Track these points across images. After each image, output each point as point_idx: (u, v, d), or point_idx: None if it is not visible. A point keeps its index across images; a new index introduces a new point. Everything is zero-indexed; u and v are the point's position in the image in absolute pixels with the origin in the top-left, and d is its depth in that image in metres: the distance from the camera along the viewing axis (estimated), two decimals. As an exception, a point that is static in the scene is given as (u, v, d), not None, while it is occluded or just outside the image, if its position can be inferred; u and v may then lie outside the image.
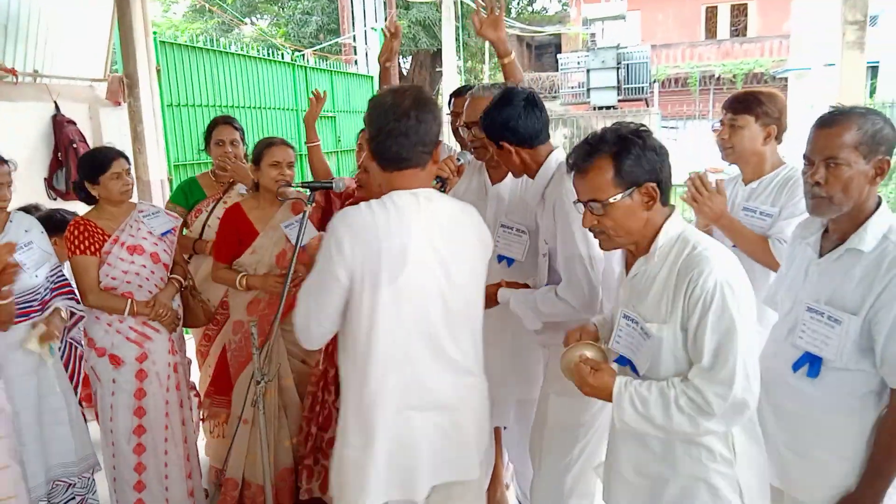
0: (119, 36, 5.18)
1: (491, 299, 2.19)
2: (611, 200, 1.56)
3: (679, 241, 1.58)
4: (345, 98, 9.61)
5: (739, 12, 19.70)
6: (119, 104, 5.24)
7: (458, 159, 2.55)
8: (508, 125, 2.08)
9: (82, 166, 2.64)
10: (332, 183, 2.58)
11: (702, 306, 1.48)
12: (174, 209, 3.12)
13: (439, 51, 21.52)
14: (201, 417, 3.13)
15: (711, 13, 19.83)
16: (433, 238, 1.67)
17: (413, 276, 1.64)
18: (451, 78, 13.92)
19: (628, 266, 1.70)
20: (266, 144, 2.78)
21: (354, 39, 13.33)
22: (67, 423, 2.58)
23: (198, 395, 3.18)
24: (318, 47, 11.39)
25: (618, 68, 13.35)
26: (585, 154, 1.60)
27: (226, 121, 3.25)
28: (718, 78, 17.86)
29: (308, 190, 2.53)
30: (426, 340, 1.70)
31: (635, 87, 13.48)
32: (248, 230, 2.78)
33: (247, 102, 7.06)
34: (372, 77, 10.76)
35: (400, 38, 2.87)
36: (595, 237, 1.68)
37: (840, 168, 1.61)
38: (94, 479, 2.74)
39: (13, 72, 4.68)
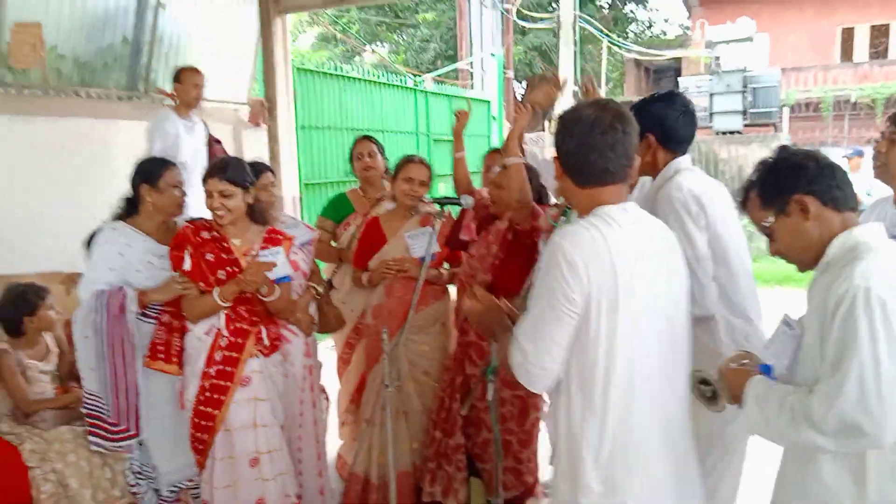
0: (262, 62, 5.60)
1: None
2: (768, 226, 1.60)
3: (854, 249, 1.50)
4: (462, 121, 9.82)
5: (880, 33, 18.36)
6: (259, 125, 5.63)
7: None
8: (663, 121, 2.13)
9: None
10: (460, 199, 2.69)
11: (832, 311, 1.41)
12: (324, 223, 3.35)
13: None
14: (342, 422, 3.28)
15: (848, 34, 18.61)
16: (651, 253, 1.60)
17: (643, 294, 1.54)
18: (567, 103, 13.88)
19: None
20: (406, 160, 3.01)
21: (471, 66, 13.63)
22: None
23: (327, 397, 3.34)
24: (436, 73, 11.72)
25: (744, 92, 12.82)
26: (741, 193, 1.70)
27: (364, 137, 3.52)
28: (855, 103, 16.70)
29: (438, 205, 2.67)
30: (664, 368, 1.59)
31: (763, 112, 12.85)
32: (380, 239, 2.98)
33: (371, 125, 7.39)
34: (488, 101, 10.96)
35: (562, 91, 2.93)
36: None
37: None
38: None
39: (171, 95, 5.16)
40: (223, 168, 2.51)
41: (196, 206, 4.08)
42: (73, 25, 4.34)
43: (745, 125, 13.39)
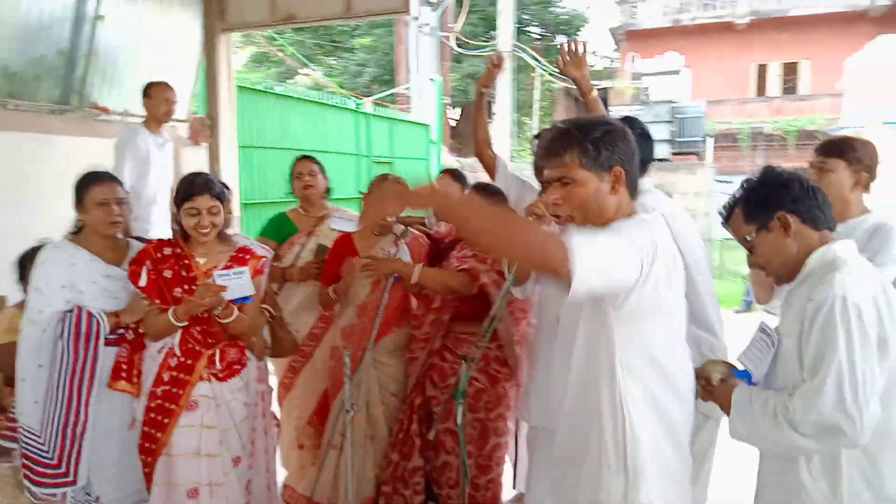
0: (205, 79, 5.45)
1: None
2: (749, 240, 1.68)
3: (832, 262, 1.59)
4: (402, 144, 9.86)
5: (790, 70, 19.69)
6: (198, 143, 5.47)
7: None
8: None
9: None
10: (425, 219, 2.69)
11: (811, 317, 1.50)
12: (267, 243, 3.23)
13: (489, 104, 22.02)
14: (299, 445, 3.16)
15: (762, 71, 19.87)
16: None
17: None
18: (503, 129, 14.21)
19: None
20: (380, 179, 2.96)
21: (408, 90, 13.73)
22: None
23: (278, 424, 3.22)
24: (376, 96, 11.74)
25: (671, 122, 13.43)
26: (726, 209, 1.78)
27: (305, 156, 3.47)
28: (769, 134, 17.77)
29: (403, 224, 2.65)
30: None
31: (689, 141, 13.51)
32: (352, 255, 2.90)
33: (313, 146, 7.30)
34: (427, 125, 11.04)
35: (502, 68, 2.97)
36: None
37: None
38: None
39: (105, 110, 4.96)
40: (210, 184, 2.44)
41: (161, 223, 3.91)
42: (4, 35, 4.10)
43: (673, 153, 14.00)
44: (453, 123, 19.59)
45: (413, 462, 2.83)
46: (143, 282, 2.40)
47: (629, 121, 2.40)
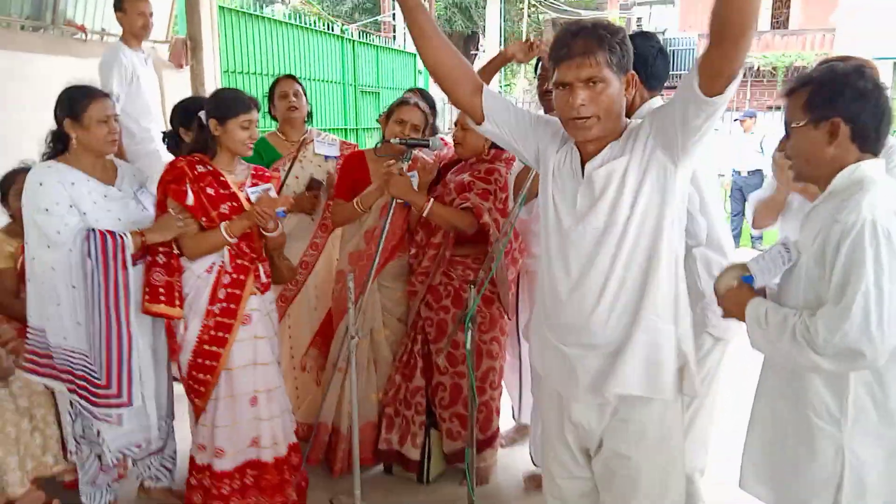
0: (184, -2, 5.16)
1: None
2: (793, 125, 1.60)
3: (860, 182, 1.54)
4: (389, 74, 9.57)
5: (781, 4, 19.30)
6: (181, 67, 5.22)
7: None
8: (645, 58, 2.07)
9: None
10: (428, 141, 2.60)
11: (837, 239, 1.47)
12: None
13: (474, 34, 21.39)
14: (302, 367, 3.14)
15: (754, 4, 19.46)
16: None
17: None
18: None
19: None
20: (400, 101, 2.86)
21: (394, 18, 13.28)
22: (167, 367, 2.70)
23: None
24: (361, 23, 11.34)
25: (661, 54, 13.16)
26: (797, 81, 1.62)
27: (288, 76, 3.32)
28: (758, 69, 17.55)
29: (407, 146, 2.56)
30: None
31: (680, 74, 13.30)
32: (364, 177, 2.82)
33: (297, 73, 7.03)
34: (414, 55, 10.70)
35: (536, 53, 2.74)
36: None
37: None
38: (172, 424, 2.78)
39: (82, 28, 4.69)
40: (254, 99, 2.49)
41: (159, 143, 3.76)
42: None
43: (665, 87, 13.78)
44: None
45: (415, 382, 2.83)
46: (190, 200, 2.39)
47: (646, 35, 2.30)
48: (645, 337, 1.69)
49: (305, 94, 3.29)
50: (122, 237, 2.33)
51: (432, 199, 2.64)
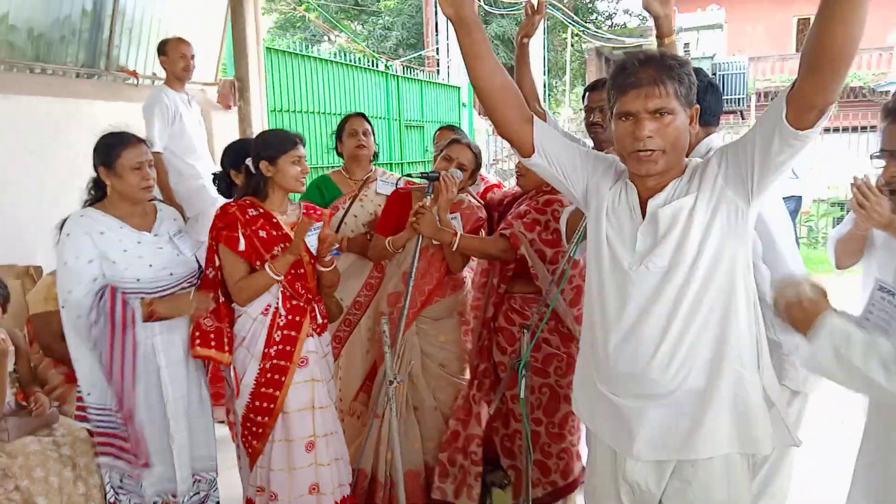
0: (232, 41, 5.27)
1: None
2: None
3: None
4: (433, 107, 9.61)
5: (834, 24, 18.84)
6: (229, 108, 5.31)
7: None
8: (700, 95, 1.92)
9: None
10: (437, 174, 2.57)
11: None
12: None
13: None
14: (350, 413, 3.06)
15: (803, 25, 19.01)
16: None
17: None
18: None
19: None
20: (453, 140, 2.83)
21: (437, 52, 13.42)
22: (210, 416, 2.60)
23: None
24: (405, 58, 11.48)
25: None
26: None
27: (359, 114, 3.28)
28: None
29: (427, 180, 2.55)
30: None
31: (731, 99, 12.99)
32: (406, 215, 2.76)
33: (343, 110, 7.10)
34: (458, 87, 10.75)
35: (543, 13, 2.73)
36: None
37: None
38: (216, 477, 2.70)
39: (135, 74, 4.81)
40: (299, 135, 2.49)
41: (206, 179, 3.81)
42: (27, -5, 3.96)
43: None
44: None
45: (470, 429, 2.69)
46: (241, 246, 2.37)
47: (696, 72, 2.19)
48: (730, 389, 1.55)
49: (374, 134, 3.27)
50: (132, 307, 2.29)
51: (459, 234, 2.58)
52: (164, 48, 3.82)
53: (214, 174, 2.82)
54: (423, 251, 2.66)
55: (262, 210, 2.43)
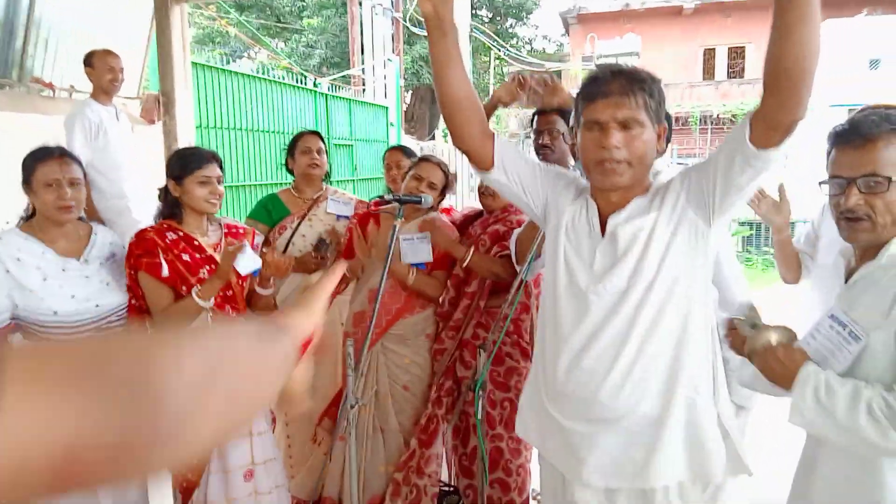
0: (157, 54, 5.07)
1: None
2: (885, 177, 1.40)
3: None
4: (362, 127, 9.56)
5: (737, 55, 20.09)
6: (153, 122, 5.09)
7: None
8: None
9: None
10: (420, 198, 2.51)
11: None
12: (256, 226, 2.98)
13: (431, 91, 21.63)
14: (313, 439, 2.94)
15: (710, 55, 20.21)
16: None
17: None
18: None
19: (849, 272, 1.55)
20: (423, 159, 2.80)
21: (363, 72, 13.37)
22: None
23: (274, 420, 3.00)
24: (333, 76, 11.38)
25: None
26: (878, 122, 1.41)
27: (312, 132, 3.22)
28: (717, 117, 18.11)
29: (398, 203, 2.46)
30: None
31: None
32: (364, 236, 2.75)
33: (272, 127, 6.96)
34: (386, 107, 10.74)
35: (526, 90, 2.69)
36: (841, 223, 1.48)
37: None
38: None
39: (50, 86, 4.56)
40: (212, 153, 2.35)
41: (135, 198, 3.60)
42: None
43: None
44: (404, 107, 19.26)
45: (433, 449, 2.65)
46: (164, 272, 2.21)
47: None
48: (683, 416, 1.53)
49: (327, 152, 3.20)
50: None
51: (471, 249, 2.56)
52: (90, 60, 3.64)
53: (160, 189, 2.69)
54: (390, 271, 2.62)
55: (181, 233, 2.31)
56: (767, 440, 1.80)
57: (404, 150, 3.45)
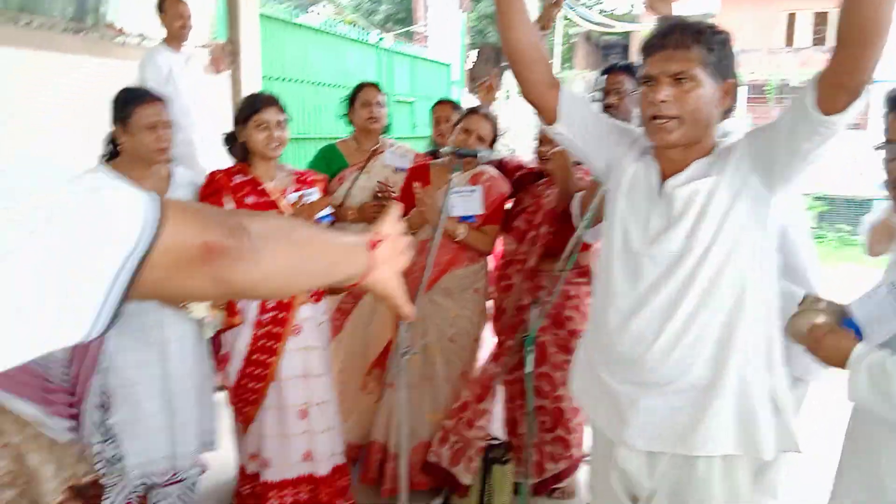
0: (226, 4, 5.13)
1: None
2: None
3: None
4: (424, 84, 9.50)
5: (821, 20, 18.97)
6: (220, 71, 5.17)
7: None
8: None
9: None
10: (476, 152, 2.49)
11: None
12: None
13: (498, 51, 21.30)
14: (363, 387, 3.03)
15: (792, 20, 19.16)
16: None
17: None
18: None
19: None
20: (470, 111, 2.79)
21: (427, 28, 13.24)
22: (213, 389, 2.58)
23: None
24: (395, 32, 11.33)
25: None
26: None
27: (372, 84, 3.23)
28: (797, 87, 17.25)
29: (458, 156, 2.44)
30: None
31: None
32: (425, 185, 2.75)
33: (334, 81, 6.99)
34: (449, 65, 10.63)
35: (560, 5, 2.69)
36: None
37: None
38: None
39: (121, 31, 4.66)
40: (274, 97, 2.40)
41: (202, 145, 3.70)
42: (13, -57, 3.80)
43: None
44: (469, 66, 19.06)
45: (483, 404, 2.68)
46: None
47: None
48: (734, 388, 1.49)
49: (388, 107, 3.21)
50: None
51: (465, 226, 2.59)
52: (162, 5, 3.74)
53: (226, 134, 2.74)
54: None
55: (249, 177, 2.39)
56: (817, 418, 1.73)
57: (453, 104, 3.44)
